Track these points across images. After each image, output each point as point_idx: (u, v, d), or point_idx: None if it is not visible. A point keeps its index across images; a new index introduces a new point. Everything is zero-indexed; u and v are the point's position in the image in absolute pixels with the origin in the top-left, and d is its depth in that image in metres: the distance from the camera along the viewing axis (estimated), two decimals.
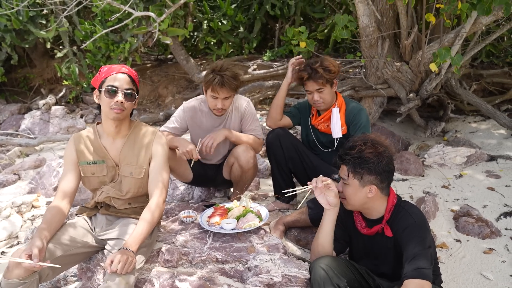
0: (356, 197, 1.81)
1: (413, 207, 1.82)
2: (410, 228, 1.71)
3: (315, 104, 2.63)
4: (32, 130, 5.51)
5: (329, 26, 5.51)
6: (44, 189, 3.65)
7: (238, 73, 2.55)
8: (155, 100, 6.18)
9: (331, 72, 2.52)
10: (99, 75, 2.05)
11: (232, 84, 2.48)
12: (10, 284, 1.69)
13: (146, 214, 1.91)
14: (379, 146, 1.78)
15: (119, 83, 1.98)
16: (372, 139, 1.81)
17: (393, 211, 1.81)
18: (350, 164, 1.79)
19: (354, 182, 1.79)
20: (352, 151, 1.78)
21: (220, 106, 2.54)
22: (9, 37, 5.60)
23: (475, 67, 5.23)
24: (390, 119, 4.75)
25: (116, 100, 1.95)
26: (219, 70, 2.47)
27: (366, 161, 1.75)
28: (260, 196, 3.12)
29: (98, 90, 2.03)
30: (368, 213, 1.87)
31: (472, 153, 3.76)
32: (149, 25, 4.83)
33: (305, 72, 2.54)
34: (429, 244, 1.70)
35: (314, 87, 2.55)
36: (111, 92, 1.96)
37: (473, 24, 3.59)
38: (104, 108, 1.99)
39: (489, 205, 3.03)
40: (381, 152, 1.76)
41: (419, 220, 1.74)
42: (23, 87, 7.06)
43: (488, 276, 2.33)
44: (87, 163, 2.05)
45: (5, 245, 2.99)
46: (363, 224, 1.89)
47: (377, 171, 1.75)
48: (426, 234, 1.72)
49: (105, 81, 2.00)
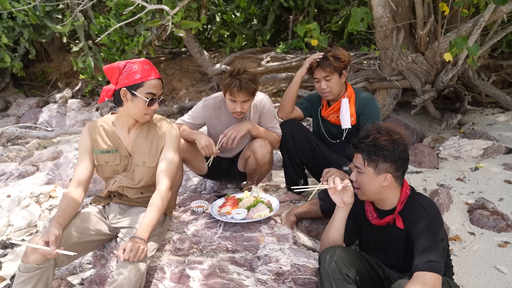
0: (371, 186, 1.79)
1: (426, 200, 1.79)
2: (423, 221, 1.69)
3: (322, 93, 2.61)
4: (50, 123, 5.65)
5: (343, 17, 5.44)
6: (61, 180, 3.74)
7: (257, 77, 2.53)
8: (169, 93, 6.23)
9: (341, 61, 2.51)
10: (128, 72, 1.96)
11: (250, 88, 2.46)
12: (28, 268, 1.75)
13: (154, 201, 1.93)
14: (393, 133, 1.76)
15: (157, 91, 2.00)
16: (386, 127, 1.79)
17: (406, 203, 1.79)
18: (365, 152, 1.77)
19: (369, 170, 1.77)
20: (367, 139, 1.77)
21: (239, 109, 2.53)
22: (27, 32, 5.72)
23: (495, 57, 5.09)
24: (405, 111, 4.68)
25: (153, 108, 2.00)
26: (236, 74, 2.45)
27: (381, 148, 1.73)
28: (271, 187, 3.13)
29: (129, 92, 1.96)
30: (381, 203, 1.85)
31: (489, 145, 3.68)
32: (162, 18, 4.85)
33: (315, 60, 2.55)
34: (441, 237, 1.67)
35: (321, 75, 2.54)
36: (151, 101, 1.98)
37: (492, 12, 3.49)
38: (138, 112, 1.99)
39: (505, 198, 2.97)
40: (396, 139, 1.74)
41: (432, 213, 1.71)
42: (41, 81, 7.22)
43: (502, 270, 2.29)
44: (101, 152, 2.09)
45: (24, 233, 3.09)
46: (374, 215, 1.88)
47: (392, 159, 1.73)
48: (439, 227, 1.69)
49: (142, 86, 1.96)
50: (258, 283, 1.85)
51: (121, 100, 2.00)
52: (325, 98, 2.65)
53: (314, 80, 2.62)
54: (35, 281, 1.75)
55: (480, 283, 2.21)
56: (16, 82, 7.20)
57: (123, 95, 1.98)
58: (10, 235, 3.05)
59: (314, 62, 2.59)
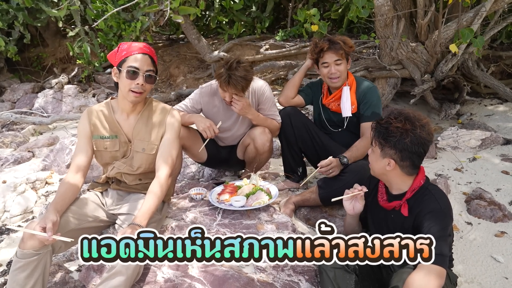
0: (376, 165, 1.82)
1: (440, 192, 1.77)
2: (434, 213, 1.67)
3: (331, 79, 2.56)
4: (45, 108, 5.58)
5: (343, 5, 5.38)
6: (58, 166, 3.71)
7: (250, 72, 2.45)
8: (167, 79, 6.17)
9: (349, 46, 2.52)
10: (118, 52, 2.00)
11: (239, 85, 2.40)
12: (25, 254, 1.74)
13: (154, 187, 1.92)
14: (409, 123, 1.71)
15: (140, 64, 1.95)
16: (406, 114, 1.75)
17: (417, 192, 1.77)
18: (376, 132, 1.79)
19: (377, 150, 1.79)
20: (383, 121, 1.77)
21: (227, 99, 2.51)
22: (22, 15, 5.61)
23: (494, 48, 5.07)
24: (404, 100, 4.68)
25: (137, 83, 1.94)
26: (228, 68, 2.40)
27: (389, 134, 1.72)
28: (270, 175, 3.12)
29: (117, 69, 1.99)
30: (389, 186, 1.87)
31: (487, 136, 3.68)
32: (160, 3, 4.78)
33: (325, 42, 2.51)
34: (449, 232, 1.67)
35: (333, 58, 2.51)
36: (131, 73, 1.94)
37: (494, 2, 3.46)
38: (123, 88, 1.97)
39: (502, 189, 2.98)
40: (407, 130, 1.70)
41: (444, 206, 1.70)
42: (36, 67, 7.12)
43: (499, 259, 2.30)
44: (100, 138, 2.07)
45: (20, 219, 3.07)
46: (385, 197, 1.88)
47: (397, 147, 1.72)
48: (449, 222, 1.69)
49: (125, 61, 1.95)
50: (257, 271, 1.85)
51: (117, 82, 2.00)
52: (332, 84, 2.59)
53: (322, 66, 2.57)
54: (33, 267, 1.74)
55: (477, 272, 2.23)
56: (10, 67, 7.09)
57: (114, 74, 2.01)
58: (6, 221, 3.03)
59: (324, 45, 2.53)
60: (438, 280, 1.50)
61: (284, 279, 1.83)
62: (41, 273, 1.77)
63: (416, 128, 1.71)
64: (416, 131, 1.70)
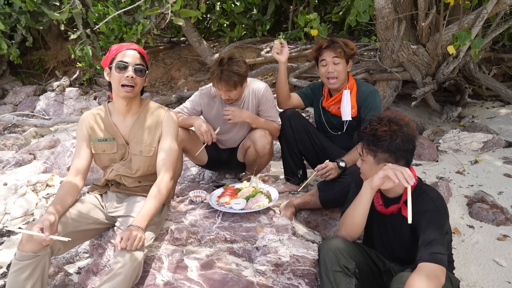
0: (371, 173, 1.79)
1: (434, 191, 1.77)
2: (430, 212, 1.67)
3: (328, 78, 2.55)
4: (47, 111, 5.60)
5: (344, 8, 5.38)
6: (58, 168, 3.71)
7: (242, 68, 2.42)
8: (168, 82, 6.18)
9: (350, 48, 2.50)
10: (109, 54, 2.04)
11: (231, 80, 2.38)
12: (24, 256, 1.73)
13: (154, 191, 1.92)
14: (394, 124, 1.74)
15: (130, 58, 1.98)
16: (388, 117, 1.77)
17: (412, 193, 1.77)
18: (364, 142, 1.78)
19: (369, 159, 1.78)
20: (367, 129, 1.76)
21: (224, 97, 2.50)
22: (24, 19, 5.63)
23: (496, 50, 5.06)
24: (405, 103, 4.66)
25: (127, 75, 1.95)
26: (219, 63, 2.39)
27: (379, 139, 1.72)
28: (270, 177, 3.11)
29: (108, 68, 2.03)
30: (386, 190, 1.85)
31: (489, 138, 3.67)
32: (161, 6, 4.79)
33: (325, 41, 2.53)
34: (446, 231, 1.67)
35: (330, 56, 2.49)
36: (121, 67, 1.96)
37: (496, 4, 3.45)
38: (115, 85, 1.99)
39: (505, 192, 2.96)
40: (395, 131, 1.72)
41: (440, 205, 1.70)
42: (38, 69, 7.15)
43: (501, 263, 2.28)
44: (98, 140, 2.07)
45: (21, 221, 3.07)
46: (380, 202, 1.87)
47: (390, 150, 1.72)
48: (445, 220, 1.68)
49: (115, 58, 2.00)
50: (257, 274, 1.84)
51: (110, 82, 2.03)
52: (330, 85, 2.57)
53: (321, 65, 2.56)
54: (31, 269, 1.74)
55: (479, 276, 2.21)
56: (13, 69, 7.12)
57: (107, 74, 2.05)
58: (6, 223, 3.03)
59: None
60: (438, 279, 1.49)
61: (284, 282, 1.81)
62: (40, 275, 1.76)
63: (403, 127, 1.74)
64: (404, 130, 1.73)
